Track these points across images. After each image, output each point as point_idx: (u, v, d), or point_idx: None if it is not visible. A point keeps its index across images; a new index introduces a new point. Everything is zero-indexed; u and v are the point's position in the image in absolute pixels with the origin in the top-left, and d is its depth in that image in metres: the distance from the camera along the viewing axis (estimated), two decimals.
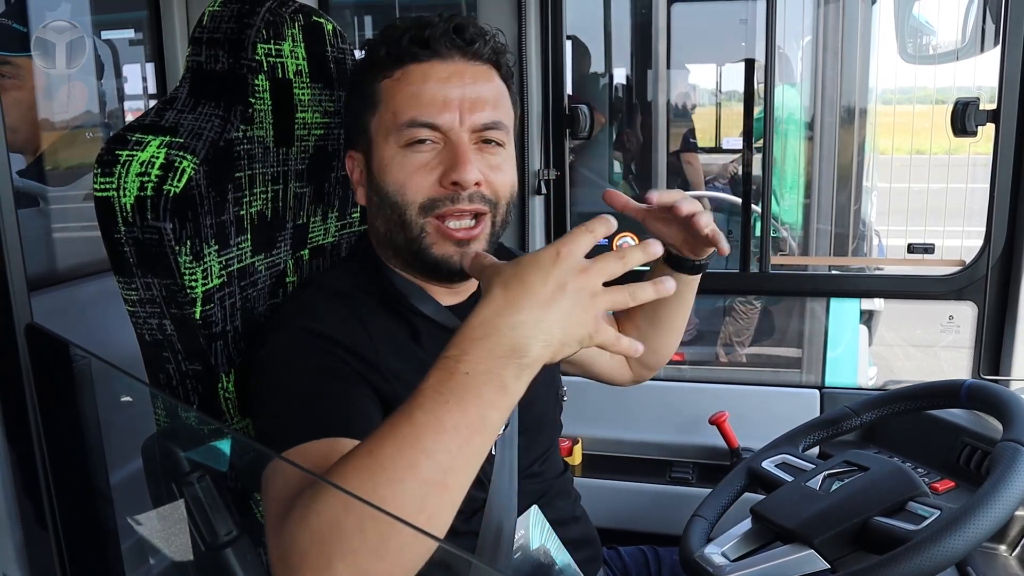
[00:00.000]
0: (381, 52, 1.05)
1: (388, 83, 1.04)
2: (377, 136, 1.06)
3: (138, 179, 0.95)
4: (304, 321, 1.00)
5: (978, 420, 1.59)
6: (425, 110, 1.02)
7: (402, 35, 1.03)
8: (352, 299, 1.06)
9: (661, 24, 3.89)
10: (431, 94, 1.02)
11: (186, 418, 1.06)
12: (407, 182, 1.03)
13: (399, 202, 1.04)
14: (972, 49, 2.30)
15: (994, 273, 1.74)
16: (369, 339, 1.02)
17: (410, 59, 1.03)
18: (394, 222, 1.05)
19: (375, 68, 1.06)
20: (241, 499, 1.05)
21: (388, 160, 1.04)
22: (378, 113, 1.05)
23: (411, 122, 1.02)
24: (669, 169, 3.99)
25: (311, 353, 0.97)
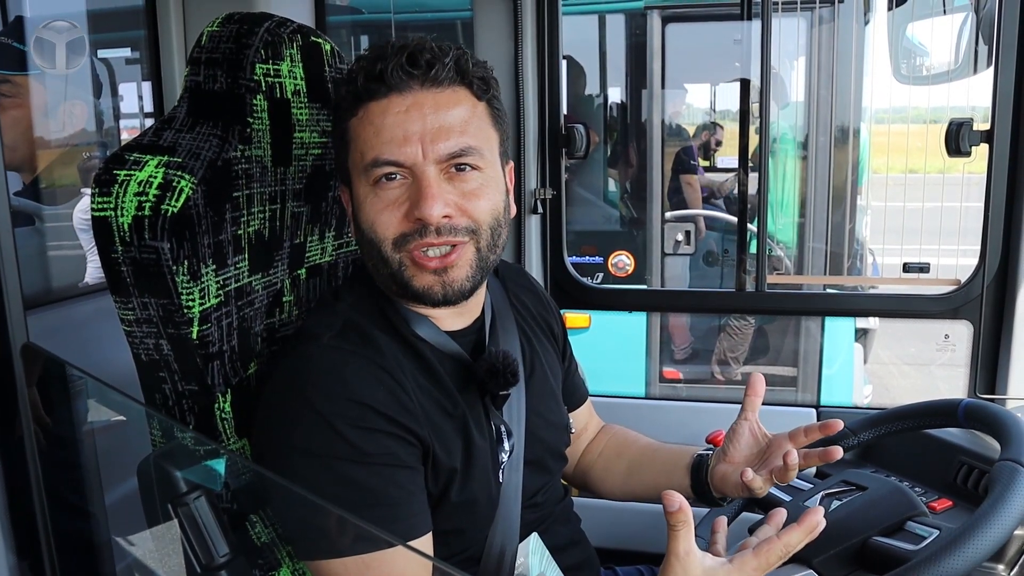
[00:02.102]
0: (343, 91, 1.05)
1: (354, 122, 1.04)
2: (353, 175, 1.06)
3: (136, 199, 0.95)
4: (346, 391, 0.98)
5: (975, 439, 1.59)
6: (385, 148, 1.00)
7: (358, 73, 1.02)
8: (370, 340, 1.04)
9: (656, 44, 3.92)
10: (390, 131, 1.00)
11: (182, 438, 1.05)
12: (376, 220, 1.03)
13: (373, 239, 1.04)
14: (965, 70, 2.32)
15: (989, 292, 1.75)
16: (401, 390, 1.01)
17: (368, 96, 1.02)
18: (375, 257, 1.05)
19: (341, 108, 1.06)
20: (237, 520, 1.04)
21: (362, 199, 1.05)
22: (350, 152, 1.05)
23: (375, 162, 1.01)
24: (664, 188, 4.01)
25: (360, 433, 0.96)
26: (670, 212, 4.13)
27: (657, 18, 3.91)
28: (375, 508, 0.96)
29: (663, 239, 3.86)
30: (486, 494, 1.09)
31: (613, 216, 4.26)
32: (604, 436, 1.47)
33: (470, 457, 1.07)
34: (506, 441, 1.13)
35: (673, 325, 4.23)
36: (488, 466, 1.10)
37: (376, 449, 0.97)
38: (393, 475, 0.98)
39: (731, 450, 1.20)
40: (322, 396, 0.97)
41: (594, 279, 3.84)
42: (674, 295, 3.06)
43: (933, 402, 1.35)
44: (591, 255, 3.94)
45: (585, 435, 1.47)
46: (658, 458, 1.35)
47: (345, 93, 1.04)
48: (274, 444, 1.00)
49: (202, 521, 0.96)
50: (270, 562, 1.06)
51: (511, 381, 1.08)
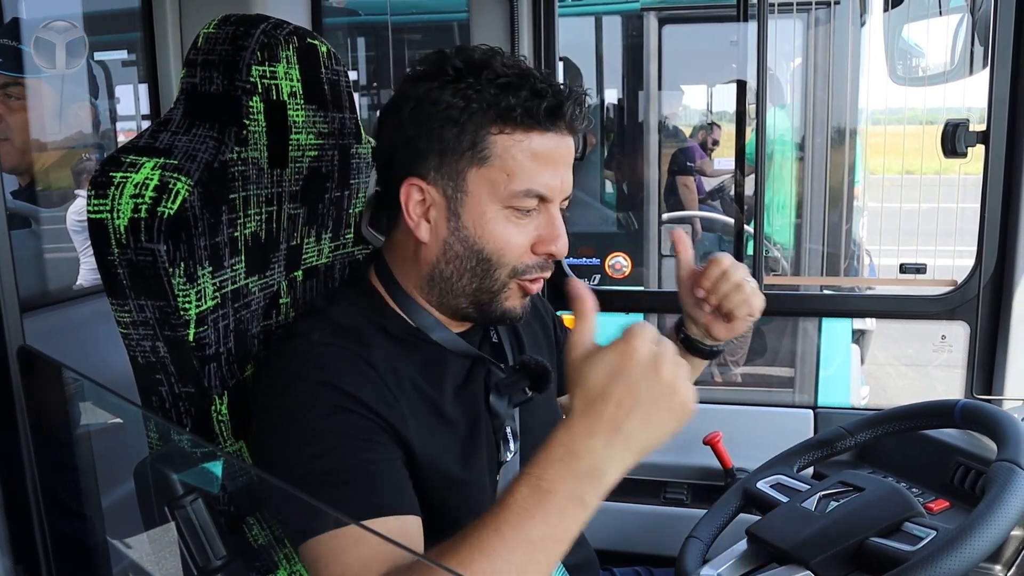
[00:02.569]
0: (507, 105, 0.99)
1: (506, 140, 1.00)
2: (478, 188, 1.02)
3: (132, 201, 0.95)
4: (326, 376, 0.97)
5: (971, 439, 1.59)
6: (539, 182, 1.02)
7: (531, 97, 0.99)
8: (362, 338, 1.04)
9: (652, 45, 3.92)
10: (549, 169, 1.02)
11: (179, 441, 1.05)
12: (508, 245, 1.04)
13: (493, 260, 1.04)
14: (961, 71, 2.32)
15: (986, 293, 1.75)
16: (386, 388, 1.01)
17: (539, 127, 1.01)
18: (475, 274, 1.05)
19: (489, 116, 1.00)
20: (234, 523, 1.04)
21: (489, 217, 1.03)
22: (487, 166, 1.01)
23: (527, 192, 1.02)
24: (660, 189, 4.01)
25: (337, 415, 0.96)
26: (667, 214, 4.13)
27: (654, 19, 3.92)
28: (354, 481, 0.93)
29: (660, 241, 3.87)
30: (483, 497, 1.09)
31: (610, 218, 4.27)
32: None
33: (467, 461, 1.08)
34: (512, 443, 1.14)
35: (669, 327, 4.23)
36: (485, 469, 1.10)
37: (353, 430, 0.96)
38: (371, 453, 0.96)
39: (684, 299, 1.32)
40: (304, 381, 0.97)
41: (591, 281, 3.84)
42: (672, 296, 3.05)
43: (930, 403, 1.35)
44: (588, 257, 3.94)
45: None
46: None
47: (518, 112, 0.99)
48: (261, 435, 1.01)
49: (199, 524, 0.96)
50: (267, 564, 1.06)
51: (545, 386, 1.13)
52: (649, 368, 0.81)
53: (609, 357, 0.82)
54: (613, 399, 0.81)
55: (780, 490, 1.35)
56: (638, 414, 0.81)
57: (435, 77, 1.02)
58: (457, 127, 1.00)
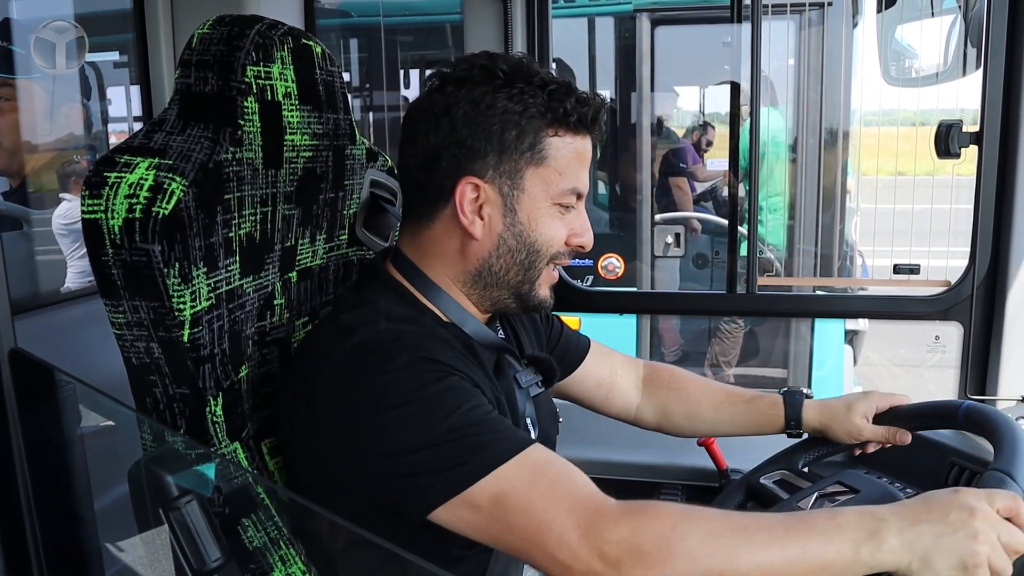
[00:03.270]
0: (571, 117, 1.08)
1: (558, 142, 1.09)
2: (533, 186, 1.10)
3: (126, 201, 0.94)
4: (418, 352, 1.00)
5: (966, 440, 1.60)
6: (582, 183, 1.12)
7: (578, 106, 1.09)
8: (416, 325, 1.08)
9: (645, 47, 3.93)
10: (585, 169, 1.13)
11: (173, 442, 1.04)
12: (553, 236, 1.12)
13: (541, 252, 1.12)
14: (954, 72, 2.33)
15: (979, 293, 1.75)
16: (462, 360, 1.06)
17: (584, 131, 1.11)
18: (520, 264, 1.12)
19: (548, 120, 1.08)
20: (229, 525, 1.03)
21: (542, 213, 1.11)
22: (543, 166, 1.09)
23: (573, 190, 1.11)
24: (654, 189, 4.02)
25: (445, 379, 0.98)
26: (660, 214, 4.14)
27: (646, 21, 3.92)
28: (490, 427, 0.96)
29: (653, 241, 3.87)
30: None
31: (603, 218, 4.27)
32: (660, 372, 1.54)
33: None
34: (532, 430, 1.18)
35: (663, 328, 4.24)
36: None
37: (462, 390, 0.99)
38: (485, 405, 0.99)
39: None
40: (397, 358, 0.98)
41: (584, 282, 3.84)
42: (664, 297, 3.06)
43: (935, 403, 1.35)
44: (581, 257, 3.94)
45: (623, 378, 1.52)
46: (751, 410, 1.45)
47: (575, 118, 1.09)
48: (361, 420, 0.97)
49: (193, 526, 0.95)
50: (263, 566, 1.06)
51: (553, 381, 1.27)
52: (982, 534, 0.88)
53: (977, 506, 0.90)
54: (938, 515, 0.89)
55: (782, 486, 1.36)
56: (941, 535, 0.88)
57: (486, 82, 1.07)
58: (517, 129, 1.07)
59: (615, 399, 1.51)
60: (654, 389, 1.51)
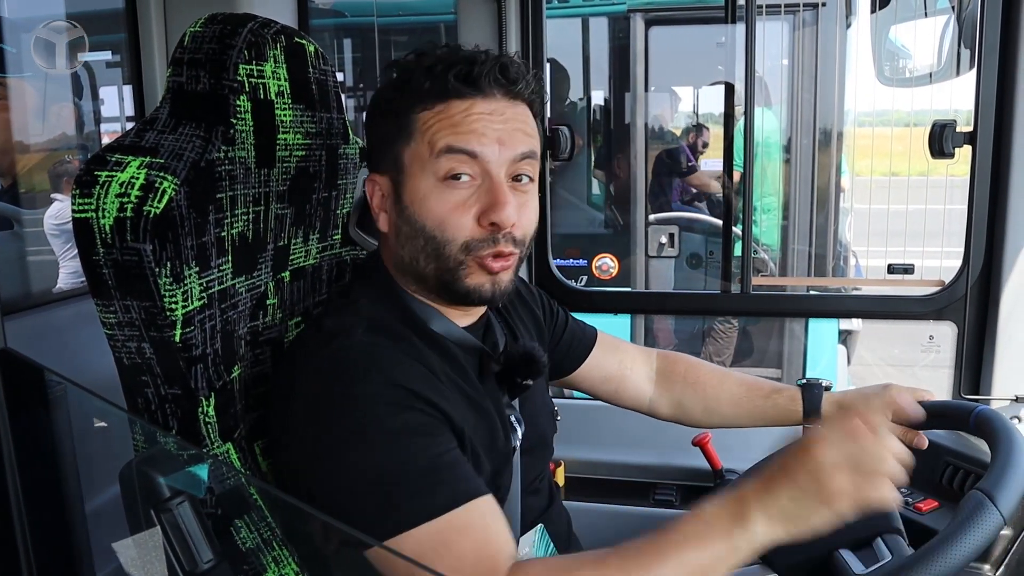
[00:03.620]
0: (424, 84, 1.03)
1: (427, 115, 1.03)
2: (412, 167, 1.05)
3: (117, 200, 0.93)
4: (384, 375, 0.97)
5: (960, 440, 1.60)
6: (462, 139, 1.01)
7: (447, 70, 1.02)
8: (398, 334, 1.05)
9: (639, 47, 3.93)
10: (470, 125, 1.02)
11: (165, 443, 1.03)
12: (447, 219, 1.03)
13: (438, 237, 1.04)
14: (948, 72, 2.34)
15: (973, 293, 1.76)
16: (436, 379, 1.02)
17: (454, 94, 1.03)
18: (427, 253, 1.05)
19: (413, 98, 1.04)
20: (221, 526, 1.02)
21: (425, 193, 1.04)
22: (413, 144, 1.04)
23: (448, 148, 1.01)
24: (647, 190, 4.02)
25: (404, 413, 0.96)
26: (654, 215, 4.14)
27: (640, 21, 3.92)
28: (431, 474, 0.94)
29: (647, 242, 3.87)
30: (501, 490, 1.10)
31: (597, 219, 4.27)
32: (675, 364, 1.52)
33: (495, 448, 1.09)
34: (518, 429, 1.16)
35: (658, 328, 4.24)
36: (508, 454, 1.12)
37: (421, 426, 0.96)
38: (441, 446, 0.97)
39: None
40: (362, 382, 0.97)
41: (578, 282, 3.84)
42: (659, 297, 3.06)
43: (948, 403, 1.34)
44: (575, 258, 3.94)
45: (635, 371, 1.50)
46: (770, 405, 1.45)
47: (428, 87, 1.02)
48: (321, 441, 0.97)
49: (185, 527, 0.95)
50: (255, 568, 1.05)
51: (540, 371, 1.15)
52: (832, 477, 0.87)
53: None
54: (787, 475, 0.88)
55: None
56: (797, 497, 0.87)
57: (388, 79, 1.09)
58: (392, 116, 1.06)
59: (626, 392, 1.49)
60: (670, 382, 1.49)
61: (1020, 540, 1.50)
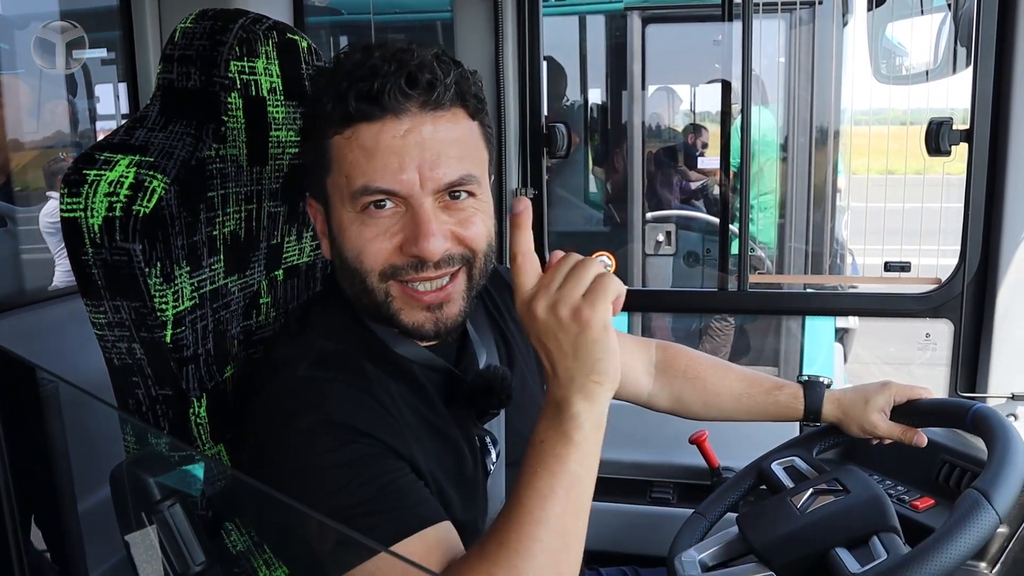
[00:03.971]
0: (327, 105, 0.93)
1: (339, 140, 0.94)
2: (333, 197, 0.98)
3: (106, 199, 0.93)
4: (324, 413, 0.93)
5: (957, 438, 1.59)
6: (378, 175, 0.92)
7: (348, 89, 0.91)
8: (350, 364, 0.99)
9: (636, 45, 3.92)
10: (384, 158, 0.92)
11: (156, 444, 1.03)
12: (364, 250, 0.96)
13: (358, 269, 0.97)
14: (944, 70, 2.33)
15: (970, 290, 1.75)
16: (387, 413, 0.97)
17: (360, 117, 0.92)
18: (357, 287, 0.99)
19: (323, 120, 0.95)
20: (213, 528, 1.02)
21: (346, 224, 0.96)
22: (332, 174, 0.96)
23: (364, 189, 0.93)
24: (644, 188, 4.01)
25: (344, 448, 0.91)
26: (651, 212, 4.13)
27: (637, 19, 3.91)
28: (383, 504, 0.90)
29: (644, 239, 3.87)
30: (476, 507, 1.07)
31: (594, 217, 4.26)
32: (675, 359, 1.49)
33: (462, 476, 1.05)
34: (492, 450, 1.11)
35: (655, 326, 4.23)
36: (477, 479, 1.08)
37: (364, 458, 0.92)
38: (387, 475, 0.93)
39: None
40: (303, 418, 0.92)
41: None
42: (656, 295, 3.06)
43: (947, 401, 1.35)
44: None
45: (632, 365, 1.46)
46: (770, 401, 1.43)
47: (331, 109, 0.93)
48: (268, 472, 0.94)
49: (177, 528, 0.94)
50: (247, 570, 1.04)
51: (504, 402, 1.07)
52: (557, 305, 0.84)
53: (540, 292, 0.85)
54: (551, 334, 0.84)
55: (790, 474, 1.36)
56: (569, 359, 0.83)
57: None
58: (310, 140, 0.99)
59: (624, 387, 1.43)
60: (669, 377, 1.47)
61: (1016, 538, 1.50)
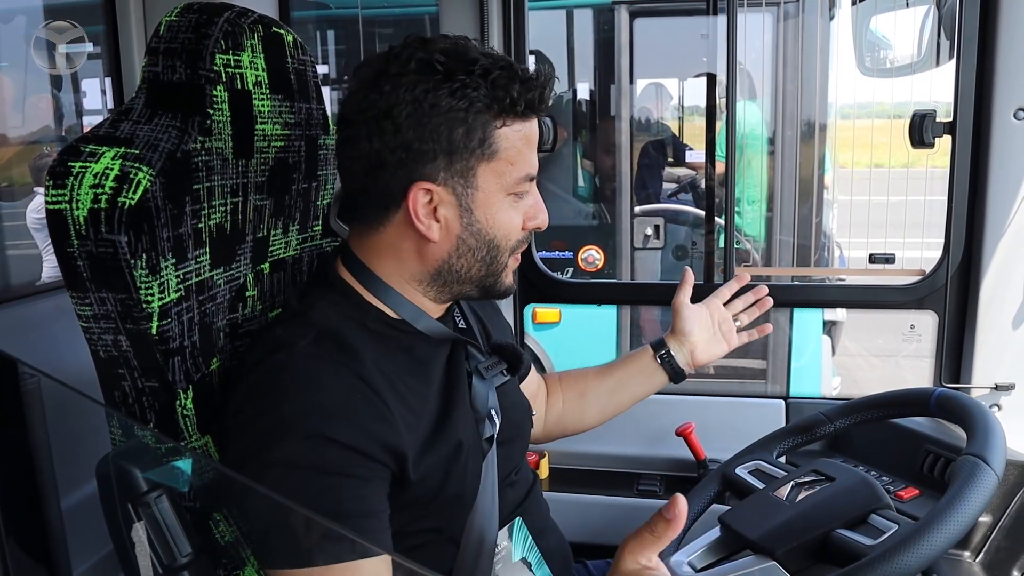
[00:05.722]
0: (518, 105, 1.04)
1: (507, 132, 1.05)
2: (487, 182, 1.06)
3: (92, 191, 0.93)
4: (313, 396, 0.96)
5: (940, 428, 1.61)
6: (532, 165, 1.09)
7: (528, 91, 1.04)
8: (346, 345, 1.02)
9: (623, 39, 3.92)
10: (533, 151, 1.09)
11: (142, 436, 1.03)
12: (510, 227, 1.09)
13: (501, 245, 1.09)
14: (928, 63, 2.34)
15: (953, 282, 1.77)
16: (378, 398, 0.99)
17: (524, 116, 1.06)
18: (483, 260, 1.09)
19: (496, 111, 1.03)
20: (199, 520, 1.02)
21: (498, 206, 1.07)
22: (495, 160, 1.05)
23: (526, 176, 1.08)
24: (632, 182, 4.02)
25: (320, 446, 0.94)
26: (639, 206, 4.14)
27: (625, 13, 3.91)
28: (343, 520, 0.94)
29: (632, 233, 3.87)
30: (470, 484, 1.10)
31: (583, 211, 4.27)
32: (556, 386, 1.55)
33: (459, 452, 1.08)
34: (496, 421, 1.15)
35: (643, 319, 4.25)
36: (472, 454, 1.11)
37: (348, 465, 0.95)
38: (360, 490, 0.96)
39: (687, 326, 1.50)
40: (297, 408, 0.95)
41: (564, 274, 3.84)
42: (644, 288, 3.06)
43: (907, 391, 1.36)
44: (561, 250, 3.94)
45: (541, 393, 1.53)
46: (622, 376, 1.53)
47: (508, 104, 1.03)
48: (250, 457, 0.96)
49: (164, 521, 0.94)
50: (234, 561, 1.05)
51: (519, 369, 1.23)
52: None
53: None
54: None
55: (758, 476, 1.36)
56: None
57: (425, 78, 1.00)
58: (465, 127, 1.02)
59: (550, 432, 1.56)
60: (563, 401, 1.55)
61: (999, 527, 1.52)
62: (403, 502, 1.02)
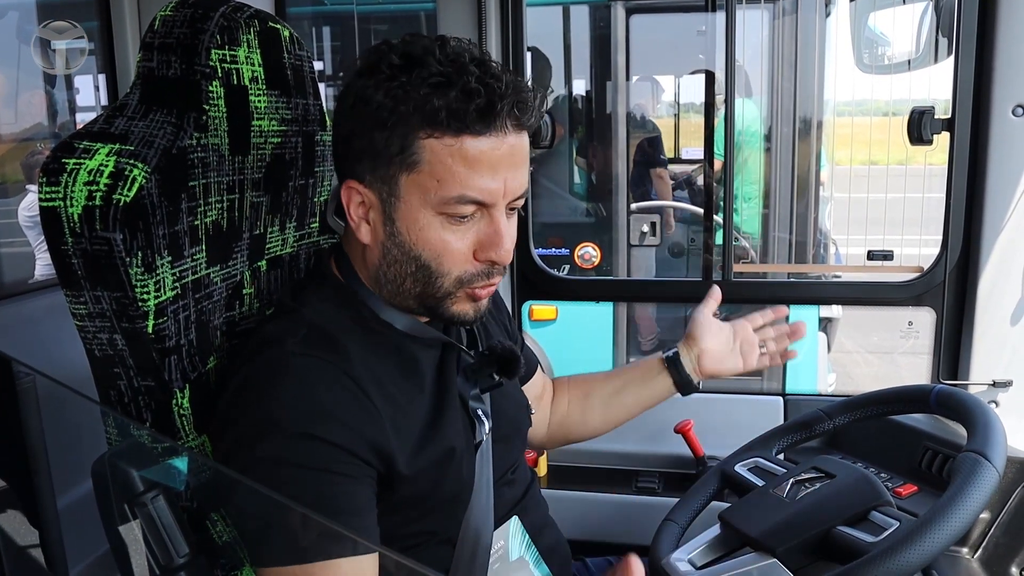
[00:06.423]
0: (439, 113, 0.93)
1: (434, 144, 0.95)
2: (410, 194, 0.98)
3: (86, 188, 0.91)
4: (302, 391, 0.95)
5: (939, 425, 1.61)
6: (474, 187, 0.96)
7: (467, 100, 0.93)
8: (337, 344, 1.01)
9: (620, 36, 3.92)
10: (481, 170, 0.96)
11: (138, 436, 1.02)
12: (445, 254, 1.00)
13: (433, 268, 1.01)
14: (926, 59, 2.34)
15: (951, 279, 1.76)
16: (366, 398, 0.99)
17: (469, 131, 0.95)
18: (416, 279, 1.02)
19: (418, 120, 0.95)
20: (196, 519, 1.01)
21: (423, 224, 0.99)
22: (416, 172, 0.97)
23: (460, 198, 0.97)
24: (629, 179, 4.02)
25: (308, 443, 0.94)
26: (636, 203, 4.14)
27: (621, 10, 3.91)
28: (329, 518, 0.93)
29: (629, 230, 3.87)
30: (464, 484, 1.09)
31: (579, 208, 4.26)
32: (563, 388, 1.53)
33: (451, 454, 1.07)
34: (486, 423, 1.14)
35: (640, 316, 4.24)
36: (465, 455, 1.10)
37: (335, 462, 0.94)
38: (347, 488, 0.96)
39: (698, 331, 1.48)
40: (285, 405, 0.95)
41: (560, 271, 3.83)
42: (641, 284, 3.06)
43: (906, 388, 1.36)
44: (557, 247, 3.93)
45: (547, 395, 1.52)
46: (628, 378, 1.50)
47: (444, 117, 0.93)
48: (238, 453, 0.96)
49: (160, 521, 0.93)
50: (232, 562, 1.04)
51: (515, 371, 1.14)
52: None
53: None
54: None
55: (757, 473, 1.36)
56: None
57: (372, 73, 0.97)
58: (386, 130, 0.96)
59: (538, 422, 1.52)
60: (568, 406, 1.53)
61: (998, 524, 1.52)
62: (395, 504, 1.02)
